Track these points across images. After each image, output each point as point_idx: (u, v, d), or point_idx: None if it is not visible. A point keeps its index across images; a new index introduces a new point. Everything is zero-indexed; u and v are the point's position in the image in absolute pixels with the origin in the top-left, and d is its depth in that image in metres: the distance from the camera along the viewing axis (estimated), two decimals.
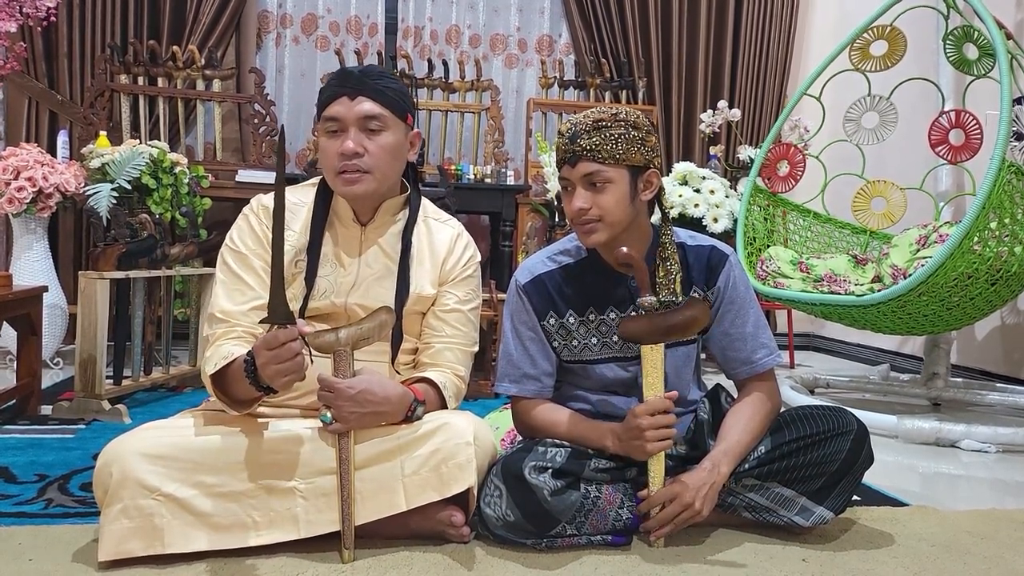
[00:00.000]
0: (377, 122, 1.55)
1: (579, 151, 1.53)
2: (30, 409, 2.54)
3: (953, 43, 3.10)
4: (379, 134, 1.56)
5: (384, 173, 1.59)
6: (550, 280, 1.67)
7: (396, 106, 1.58)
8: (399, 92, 1.60)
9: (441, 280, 1.69)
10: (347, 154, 1.54)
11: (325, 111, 1.57)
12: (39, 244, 3.18)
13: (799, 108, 3.47)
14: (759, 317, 1.70)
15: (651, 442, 1.50)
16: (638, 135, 1.54)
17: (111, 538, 1.39)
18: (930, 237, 2.83)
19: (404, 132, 1.62)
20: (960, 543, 1.69)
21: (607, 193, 1.54)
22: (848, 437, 1.61)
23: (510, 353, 1.69)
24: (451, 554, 1.50)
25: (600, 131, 1.52)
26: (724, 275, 1.66)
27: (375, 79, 1.56)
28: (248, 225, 1.64)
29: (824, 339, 4.86)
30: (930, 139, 3.04)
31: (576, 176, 1.55)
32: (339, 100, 1.55)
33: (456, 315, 1.69)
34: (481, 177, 4.15)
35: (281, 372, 1.38)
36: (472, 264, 1.74)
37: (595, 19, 4.53)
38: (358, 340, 1.47)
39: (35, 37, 3.92)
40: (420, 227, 1.70)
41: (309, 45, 4.53)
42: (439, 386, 1.60)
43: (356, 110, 1.54)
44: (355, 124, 1.55)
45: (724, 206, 3.82)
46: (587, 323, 1.66)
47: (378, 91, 1.55)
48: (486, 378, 3.16)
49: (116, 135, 3.84)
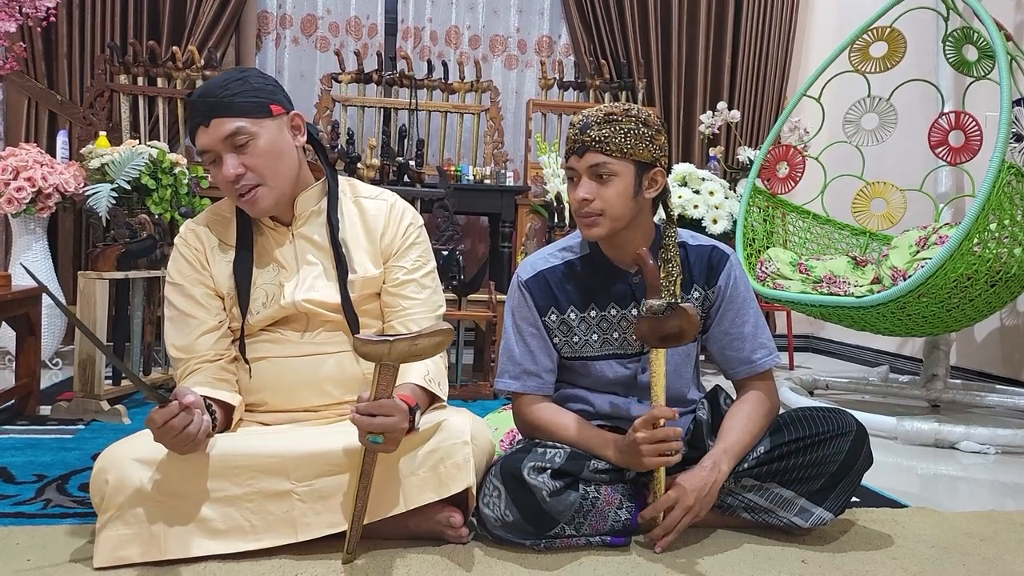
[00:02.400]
0: (242, 135, 1.50)
1: (588, 142, 1.54)
2: (29, 409, 2.54)
3: (953, 45, 3.10)
4: (250, 144, 1.51)
5: (276, 177, 1.55)
6: (552, 276, 1.67)
7: (252, 109, 1.51)
8: (250, 92, 1.51)
9: (384, 256, 1.66)
10: (230, 179, 1.51)
11: (196, 146, 1.54)
12: (38, 244, 3.18)
13: (799, 109, 3.47)
14: (759, 318, 1.70)
15: (648, 457, 1.49)
16: (647, 132, 1.55)
17: (107, 544, 1.39)
18: (930, 239, 2.83)
19: (277, 126, 1.54)
20: (959, 544, 1.69)
21: (611, 186, 1.54)
22: (847, 438, 1.61)
23: (511, 349, 1.69)
24: (449, 555, 1.50)
25: (610, 124, 1.53)
26: (725, 275, 1.66)
27: (218, 95, 1.49)
28: (179, 255, 1.64)
29: (823, 341, 4.86)
30: (930, 140, 3.04)
31: (583, 167, 1.56)
32: (199, 132, 1.52)
33: (411, 286, 1.66)
34: (480, 178, 4.15)
35: (176, 446, 1.38)
36: (412, 230, 1.69)
37: (595, 20, 4.53)
38: (409, 356, 1.38)
39: (35, 37, 3.92)
40: (351, 208, 1.68)
41: (309, 46, 4.53)
42: (423, 384, 1.57)
43: (216, 135, 1.50)
44: (223, 148, 1.51)
45: (723, 207, 3.82)
46: (588, 319, 1.66)
47: (225, 105, 1.49)
48: (485, 379, 3.16)
49: (116, 135, 3.84)
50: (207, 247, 1.63)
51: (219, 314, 1.62)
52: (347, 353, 1.60)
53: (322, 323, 1.61)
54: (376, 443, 1.37)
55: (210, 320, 1.60)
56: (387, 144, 3.90)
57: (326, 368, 1.60)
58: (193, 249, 1.63)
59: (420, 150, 4.06)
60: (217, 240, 1.64)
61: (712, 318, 1.69)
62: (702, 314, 1.69)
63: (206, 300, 1.61)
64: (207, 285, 1.61)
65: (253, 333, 1.62)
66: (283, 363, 1.60)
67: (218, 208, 1.69)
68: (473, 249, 4.64)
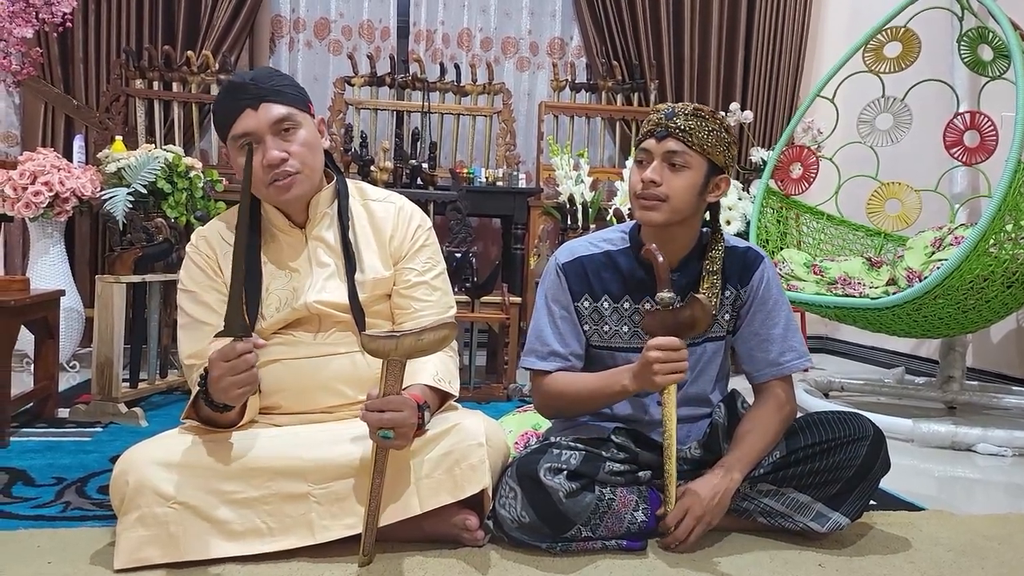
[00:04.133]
0: (289, 122, 1.54)
1: (672, 128, 1.57)
2: (47, 412, 2.56)
3: (968, 44, 3.08)
4: (294, 132, 1.55)
5: (311, 168, 1.59)
6: (590, 263, 1.68)
7: (298, 100, 1.57)
8: (295, 86, 1.59)
9: (394, 258, 1.68)
10: (274, 164, 1.52)
11: (233, 130, 1.53)
12: (56, 248, 3.20)
13: (812, 110, 3.45)
14: (790, 321, 1.70)
15: (660, 375, 1.50)
16: (728, 138, 1.59)
17: (127, 546, 1.41)
18: (945, 239, 2.81)
19: (312, 123, 1.60)
20: (977, 547, 1.68)
21: (682, 176, 1.57)
22: (864, 443, 1.60)
23: (540, 329, 1.70)
24: (465, 558, 1.50)
25: (698, 119, 1.57)
26: (758, 275, 1.68)
27: (270, 81, 1.54)
28: (191, 262, 1.65)
29: (838, 342, 4.83)
30: (945, 141, 3.02)
31: (659, 151, 1.58)
32: (244, 114, 1.52)
33: (421, 288, 1.67)
34: (493, 180, 4.15)
35: (235, 384, 1.38)
36: (421, 233, 1.71)
37: (607, 21, 4.53)
38: (415, 352, 1.40)
39: (51, 42, 3.95)
40: (360, 211, 1.69)
41: (322, 49, 4.55)
42: (432, 383, 1.57)
43: (265, 117, 1.52)
44: (269, 132, 1.52)
45: (737, 208, 3.80)
46: (620, 310, 1.67)
47: (277, 91, 1.53)
48: (498, 381, 3.16)
49: (131, 139, 3.86)
50: (218, 253, 1.64)
51: None
52: (360, 352, 1.61)
53: (334, 324, 1.62)
54: (387, 439, 1.39)
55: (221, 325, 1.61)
56: (400, 147, 3.91)
57: (339, 368, 1.61)
58: (205, 256, 1.64)
59: (433, 152, 4.07)
60: (228, 246, 1.64)
61: (743, 319, 1.70)
62: (733, 313, 1.69)
63: (219, 306, 1.61)
64: (219, 291, 1.62)
65: (266, 337, 1.63)
66: (296, 365, 1.60)
67: (228, 216, 1.70)
68: (486, 251, 4.64)
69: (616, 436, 1.64)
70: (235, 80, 1.55)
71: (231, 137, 1.55)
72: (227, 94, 1.55)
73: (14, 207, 2.97)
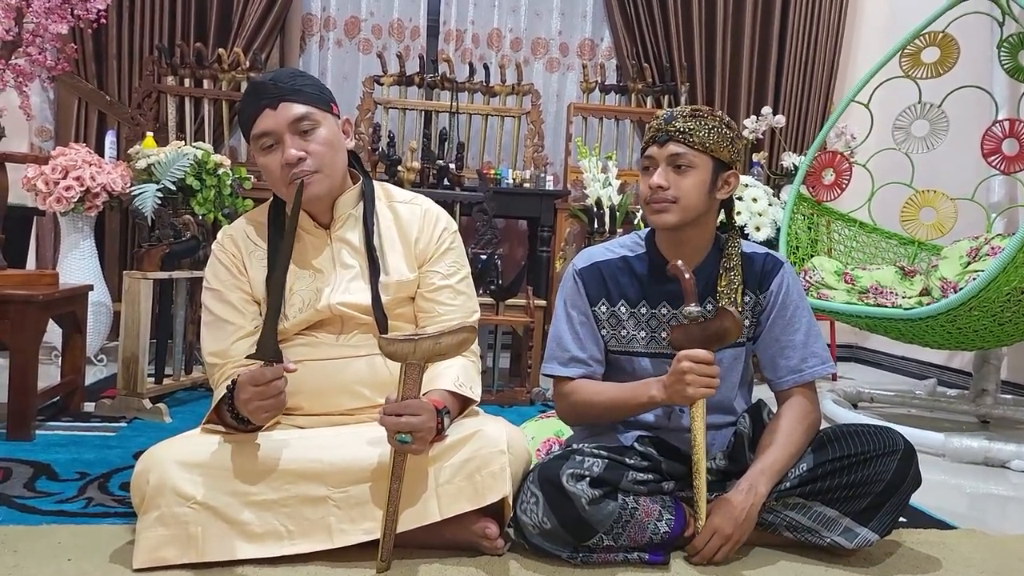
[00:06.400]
0: (307, 121, 1.54)
1: (672, 132, 1.57)
2: (74, 405, 2.58)
3: (1008, 50, 3.01)
4: (313, 132, 1.55)
5: (332, 168, 1.58)
6: (606, 268, 1.69)
7: (319, 100, 1.57)
8: (317, 86, 1.59)
9: (419, 261, 1.67)
10: (292, 162, 1.53)
11: (253, 129, 1.55)
12: (86, 243, 3.23)
13: (845, 115, 3.39)
14: (812, 327, 1.68)
15: (692, 387, 1.49)
16: (729, 134, 1.59)
17: (146, 545, 1.41)
18: (981, 249, 2.75)
19: (335, 123, 1.60)
20: (1011, 569, 1.63)
21: (688, 177, 1.57)
22: (894, 457, 1.56)
23: (560, 335, 1.70)
24: (485, 566, 1.49)
25: (696, 119, 1.58)
26: (777, 281, 1.66)
27: (290, 81, 1.55)
28: (217, 260, 1.65)
29: (868, 351, 4.75)
30: (982, 148, 2.96)
31: (662, 156, 1.59)
32: (263, 114, 1.53)
33: (446, 291, 1.67)
34: (520, 182, 4.13)
35: (262, 408, 1.40)
36: (447, 236, 1.70)
37: (637, 23, 4.49)
38: (433, 355, 1.40)
39: (85, 39, 4.00)
40: (385, 212, 1.69)
41: (352, 48, 4.56)
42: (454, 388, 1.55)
43: (284, 117, 1.53)
44: (288, 131, 1.53)
45: (767, 215, 3.75)
46: (637, 315, 1.66)
47: (296, 91, 1.54)
48: (522, 384, 3.14)
49: (162, 136, 3.90)
50: (244, 252, 1.64)
51: (255, 319, 1.62)
52: (370, 356, 1.60)
53: (357, 325, 1.62)
54: (404, 443, 1.38)
55: (246, 325, 1.61)
56: (428, 147, 3.90)
57: (360, 370, 1.60)
58: (230, 255, 1.64)
59: (460, 153, 4.06)
60: (254, 245, 1.65)
61: (763, 325, 1.68)
62: (753, 319, 1.67)
63: (243, 305, 1.62)
64: (244, 290, 1.62)
65: (288, 337, 1.62)
66: (318, 366, 1.60)
67: (254, 215, 1.70)
68: (511, 253, 4.62)
69: (639, 445, 1.62)
70: (256, 80, 1.57)
71: (252, 136, 1.56)
72: (249, 94, 1.57)
73: (45, 201, 3.01)
